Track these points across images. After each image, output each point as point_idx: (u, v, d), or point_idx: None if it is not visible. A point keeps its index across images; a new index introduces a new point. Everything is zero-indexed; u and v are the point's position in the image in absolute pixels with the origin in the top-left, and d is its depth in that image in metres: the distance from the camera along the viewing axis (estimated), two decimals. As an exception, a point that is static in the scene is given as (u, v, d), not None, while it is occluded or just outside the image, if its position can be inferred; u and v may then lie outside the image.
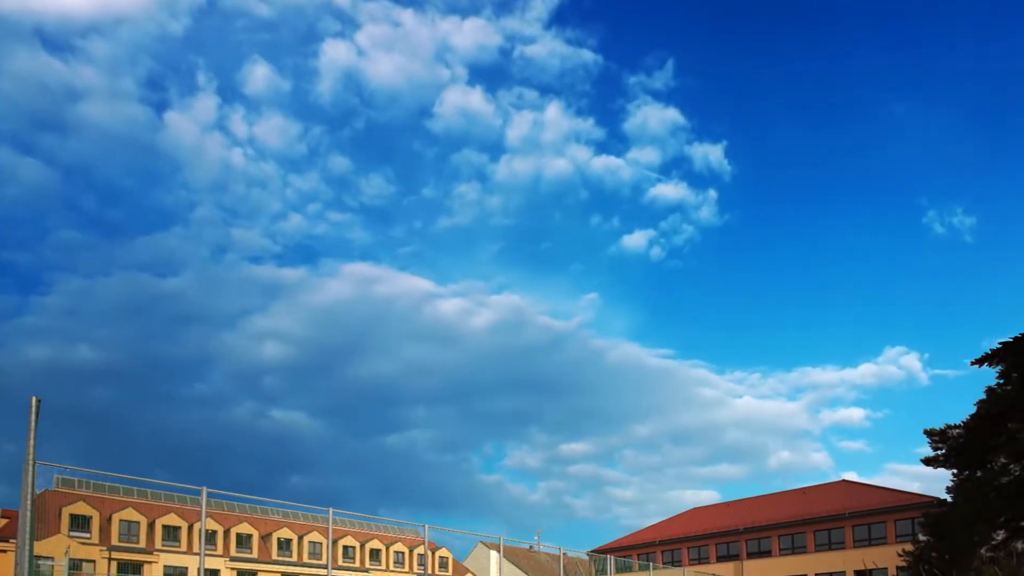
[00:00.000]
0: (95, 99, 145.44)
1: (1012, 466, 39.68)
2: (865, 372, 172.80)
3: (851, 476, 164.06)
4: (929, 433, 43.88)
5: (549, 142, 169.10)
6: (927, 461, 44.08)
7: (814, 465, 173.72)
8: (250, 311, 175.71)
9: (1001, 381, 40.56)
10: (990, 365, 40.48)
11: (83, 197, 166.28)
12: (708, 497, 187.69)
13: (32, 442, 15.95)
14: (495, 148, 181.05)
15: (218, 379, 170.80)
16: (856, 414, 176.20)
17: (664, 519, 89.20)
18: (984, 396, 41.07)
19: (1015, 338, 38.09)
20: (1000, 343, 39.10)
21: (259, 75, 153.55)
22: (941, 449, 43.55)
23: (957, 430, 42.69)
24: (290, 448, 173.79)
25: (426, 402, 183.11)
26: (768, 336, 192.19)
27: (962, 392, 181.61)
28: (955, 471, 43.49)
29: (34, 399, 15.89)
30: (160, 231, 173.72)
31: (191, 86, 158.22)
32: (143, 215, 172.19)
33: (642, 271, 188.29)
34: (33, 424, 15.91)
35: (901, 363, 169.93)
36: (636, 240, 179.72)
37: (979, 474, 41.41)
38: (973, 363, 40.88)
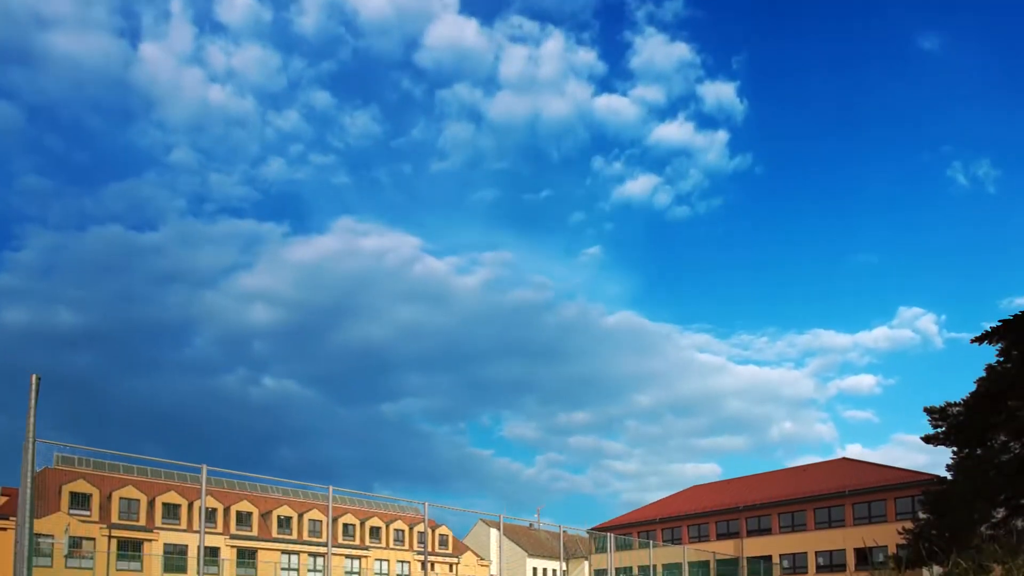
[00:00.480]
0: (65, 28, 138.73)
1: (1012, 444, 39.70)
2: (878, 336, 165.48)
3: (855, 448, 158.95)
4: (929, 411, 43.89)
5: (547, 78, 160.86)
6: (927, 439, 44.11)
7: (818, 436, 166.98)
8: (233, 269, 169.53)
9: (1001, 359, 40.53)
10: (990, 343, 40.43)
11: (48, 138, 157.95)
12: (709, 471, 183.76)
13: (32, 420, 15.91)
14: (489, 84, 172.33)
15: (205, 344, 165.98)
16: (866, 381, 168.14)
17: (664, 496, 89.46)
18: (984, 374, 41.08)
19: (1015, 316, 38.05)
20: (1000, 321, 39.06)
21: (237, 3, 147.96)
22: (941, 427, 43.56)
23: (957, 408, 42.69)
24: (282, 419, 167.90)
25: (419, 368, 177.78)
26: (777, 295, 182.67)
27: (978, 357, 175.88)
28: (955, 449, 43.53)
29: (34, 377, 15.81)
30: (133, 177, 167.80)
31: (164, 13, 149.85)
32: (114, 159, 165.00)
33: (645, 220, 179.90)
34: (33, 402, 15.85)
35: (916, 326, 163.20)
36: (640, 186, 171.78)
37: (979, 452, 41.42)
38: (973, 341, 40.84)
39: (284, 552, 75.21)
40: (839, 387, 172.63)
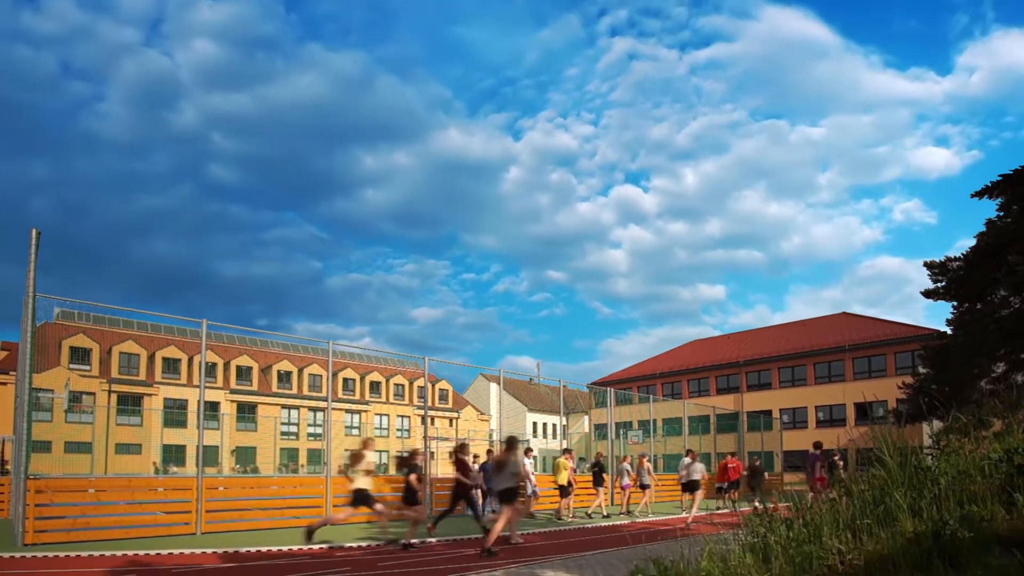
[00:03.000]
0: None
1: (1012, 299, 39.66)
2: (976, 82, 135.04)
3: (894, 262, 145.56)
4: (929, 265, 43.80)
5: None
6: (926, 294, 44.08)
7: (851, 246, 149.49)
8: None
9: (1001, 214, 40.29)
10: (990, 197, 40.04)
11: None
12: (716, 293, 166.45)
13: (32, 275, 15.72)
14: None
15: (116, 105, 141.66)
16: (937, 158, 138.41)
17: (664, 352, 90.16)
18: (984, 228, 40.88)
19: (1015, 170, 37.61)
20: (1000, 175, 38.67)
21: None
22: (941, 282, 43.53)
23: (957, 262, 42.61)
24: (223, 223, 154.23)
25: (366, 141, 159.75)
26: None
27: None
28: (955, 304, 43.56)
29: (34, 231, 15.65)
30: None
31: None
32: None
33: None
34: (33, 256, 15.66)
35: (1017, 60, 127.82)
36: None
37: (979, 307, 41.43)
38: (973, 195, 40.44)
39: (284, 407, 76.04)
40: (906, 165, 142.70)
